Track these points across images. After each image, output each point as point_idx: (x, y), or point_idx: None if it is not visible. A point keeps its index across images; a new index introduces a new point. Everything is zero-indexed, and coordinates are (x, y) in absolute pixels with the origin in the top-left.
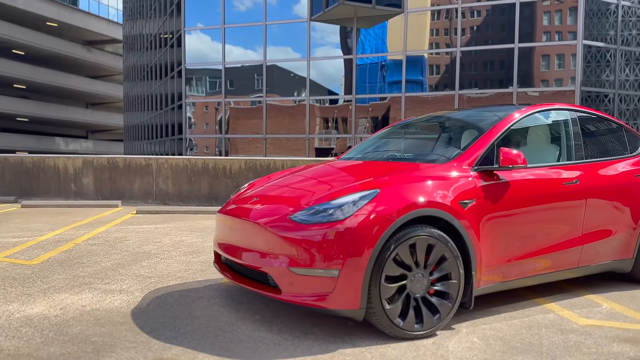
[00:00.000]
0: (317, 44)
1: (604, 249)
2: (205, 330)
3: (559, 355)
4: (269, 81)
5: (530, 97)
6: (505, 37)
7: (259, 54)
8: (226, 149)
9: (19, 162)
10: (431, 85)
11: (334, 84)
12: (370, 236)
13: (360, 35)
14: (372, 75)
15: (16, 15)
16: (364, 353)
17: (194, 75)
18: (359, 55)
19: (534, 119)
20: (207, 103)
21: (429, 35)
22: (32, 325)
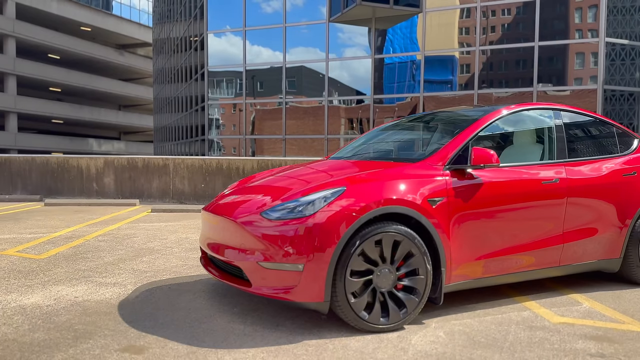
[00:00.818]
0: (345, 45)
1: (588, 248)
2: (182, 321)
3: (519, 350)
4: (291, 82)
5: (550, 96)
6: (526, 35)
7: (278, 55)
8: (252, 150)
9: (44, 162)
10: (453, 85)
11: (360, 84)
12: (334, 232)
13: (388, 34)
14: (393, 75)
15: (51, 20)
16: (327, 344)
17: (216, 77)
18: (377, 56)
19: (514, 119)
20: (229, 105)
21: (458, 34)
22: (24, 313)
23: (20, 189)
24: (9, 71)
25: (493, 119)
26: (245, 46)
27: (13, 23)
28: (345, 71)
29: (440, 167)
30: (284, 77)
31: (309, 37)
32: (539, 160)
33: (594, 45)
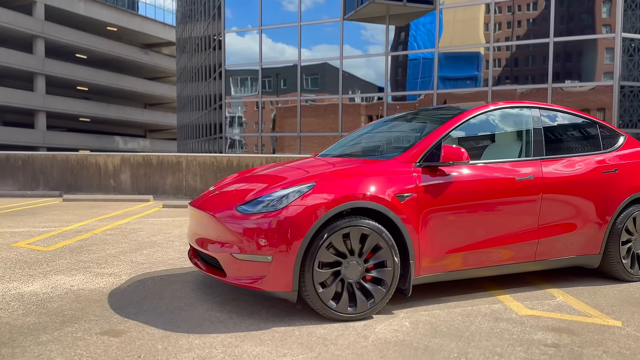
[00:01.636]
0: (367, 42)
1: (566, 243)
2: (165, 308)
3: (477, 340)
4: (313, 80)
5: (564, 92)
6: (541, 31)
7: (293, 54)
8: (273, 147)
9: (65, 160)
10: (471, 81)
11: (381, 81)
12: (302, 225)
13: (411, 30)
14: (409, 72)
15: (79, 21)
16: (294, 331)
17: (233, 76)
18: (392, 53)
19: (492, 117)
20: (245, 103)
21: (474, 31)
22: (21, 300)
23: (42, 185)
24: (38, 71)
25: (467, 118)
26: (261, 45)
27: (42, 24)
28: (371, 69)
29: (411, 164)
30: (299, 75)
31: (327, 34)
32: (516, 158)
33: (610, 40)
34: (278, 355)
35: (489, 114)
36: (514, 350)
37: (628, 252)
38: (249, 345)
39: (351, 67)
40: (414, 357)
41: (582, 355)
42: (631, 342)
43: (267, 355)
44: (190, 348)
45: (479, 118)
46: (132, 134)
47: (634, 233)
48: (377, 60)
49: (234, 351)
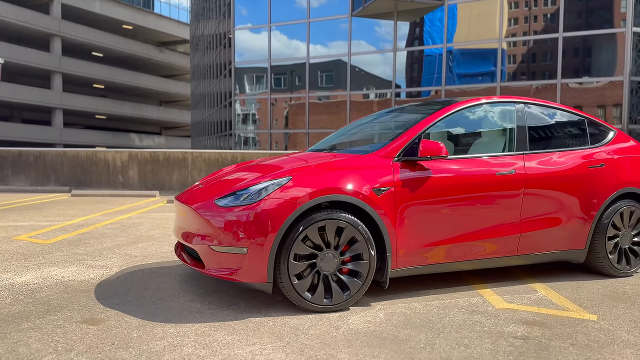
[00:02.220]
0: (382, 38)
1: (550, 238)
2: (148, 299)
3: (447, 332)
4: (328, 77)
5: (574, 88)
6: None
7: (302, 50)
8: (285, 144)
9: (74, 156)
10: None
11: (397, 77)
12: (277, 218)
13: (425, 26)
14: (419, 68)
15: (95, 19)
16: (269, 321)
17: (242, 73)
18: (399, 50)
19: (475, 112)
20: (255, 100)
21: (484, 27)
22: (12, 290)
23: (53, 181)
24: (55, 69)
25: (448, 113)
26: (270, 42)
27: (59, 23)
28: (387, 65)
29: (389, 159)
30: (307, 72)
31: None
32: (499, 152)
33: (621, 35)
34: (247, 344)
35: (472, 109)
36: (481, 342)
37: (615, 248)
38: (221, 334)
39: (366, 64)
40: (381, 346)
41: (549, 348)
42: (601, 336)
43: (236, 344)
44: (163, 336)
45: (461, 113)
46: (148, 131)
47: (622, 228)
48: (391, 56)
49: (205, 340)
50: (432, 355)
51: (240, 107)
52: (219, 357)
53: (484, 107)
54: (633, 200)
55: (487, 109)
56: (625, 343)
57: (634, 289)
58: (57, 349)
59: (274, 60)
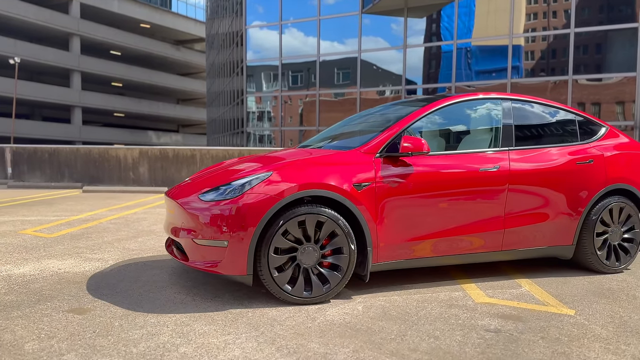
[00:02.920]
0: (394, 36)
1: (537, 234)
2: (136, 291)
3: (421, 324)
4: (345, 74)
5: (584, 85)
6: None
7: (312, 48)
8: (300, 140)
9: (87, 153)
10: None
11: (414, 73)
12: (256, 213)
13: (443, 21)
14: (430, 65)
15: (113, 19)
16: (248, 312)
17: (254, 71)
18: (409, 46)
19: (460, 109)
20: (266, 97)
21: (493, 23)
22: (9, 281)
23: (67, 177)
24: (74, 68)
25: (431, 110)
26: (281, 40)
27: (78, 22)
28: (399, 62)
29: (371, 155)
30: (317, 70)
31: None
32: (484, 149)
33: (634, 30)
34: (223, 333)
35: (457, 106)
36: (452, 334)
37: (604, 244)
38: (199, 324)
39: (378, 61)
40: (352, 337)
41: (519, 340)
42: (574, 330)
43: (212, 333)
44: (143, 326)
45: (445, 110)
46: (165, 128)
47: (611, 225)
48: (401, 52)
49: (183, 329)
50: (401, 345)
51: (251, 105)
52: (193, 345)
53: (469, 103)
54: (623, 197)
55: (472, 106)
56: (596, 337)
57: (620, 285)
58: (40, 336)
59: (285, 58)
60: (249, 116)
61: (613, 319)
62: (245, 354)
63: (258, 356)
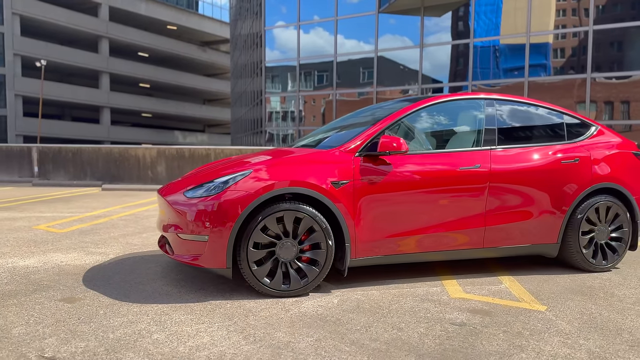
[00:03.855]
0: (429, 32)
1: (518, 231)
2: (128, 282)
3: (390, 316)
4: (370, 73)
5: (604, 83)
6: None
7: (329, 48)
8: None
9: (108, 152)
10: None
11: (440, 72)
12: (234, 209)
13: (470, 18)
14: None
15: (141, 21)
16: (227, 304)
17: (272, 72)
18: (426, 45)
19: (442, 109)
20: (284, 97)
21: (555, 16)
22: (12, 272)
23: (89, 176)
24: (103, 69)
25: (412, 110)
26: (299, 40)
27: (106, 25)
28: (417, 61)
29: (351, 154)
30: (334, 69)
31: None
32: (467, 148)
33: None
34: (198, 322)
35: (439, 106)
36: (416, 327)
37: (590, 242)
38: (178, 314)
39: (398, 60)
40: (319, 327)
41: (480, 334)
42: (539, 325)
43: (187, 322)
44: (125, 314)
45: (428, 110)
46: (192, 128)
47: (597, 223)
48: (433, 50)
49: (161, 318)
50: (363, 336)
51: (270, 105)
52: (167, 332)
53: (452, 103)
54: (611, 196)
55: (455, 106)
56: (558, 332)
57: (602, 283)
58: (28, 322)
59: (303, 58)
60: (268, 116)
61: (582, 315)
62: (213, 341)
63: (224, 343)
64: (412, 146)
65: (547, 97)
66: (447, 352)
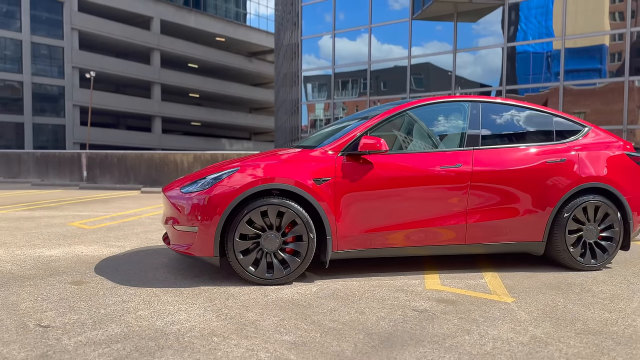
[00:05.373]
0: (479, 35)
1: (502, 229)
2: (133, 270)
3: (356, 302)
4: (417, 80)
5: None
6: None
7: (364, 56)
8: None
9: (150, 158)
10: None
11: (489, 77)
12: (222, 203)
13: (519, 20)
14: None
15: (191, 33)
16: (214, 289)
17: (309, 80)
18: (459, 51)
19: (426, 111)
20: (319, 105)
21: (609, 20)
22: (36, 260)
23: (132, 180)
24: (154, 80)
25: (395, 113)
26: (334, 49)
27: (158, 38)
28: (479, 66)
29: (333, 154)
30: (369, 77)
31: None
32: (451, 148)
33: None
34: (181, 303)
35: (424, 108)
36: (379, 312)
37: (578, 241)
38: (167, 296)
39: (437, 64)
40: (288, 310)
41: (436, 319)
42: (497, 313)
43: (172, 303)
44: (121, 295)
45: (413, 112)
46: (238, 136)
47: (585, 222)
48: (478, 55)
49: (151, 299)
50: (325, 317)
51: (306, 113)
52: (151, 310)
53: (437, 106)
54: (600, 196)
55: (440, 108)
56: (513, 320)
57: (584, 280)
58: (36, 299)
59: (338, 66)
60: (305, 123)
61: (546, 307)
62: (188, 318)
63: (197, 320)
64: (396, 146)
65: (596, 102)
66: (396, 333)
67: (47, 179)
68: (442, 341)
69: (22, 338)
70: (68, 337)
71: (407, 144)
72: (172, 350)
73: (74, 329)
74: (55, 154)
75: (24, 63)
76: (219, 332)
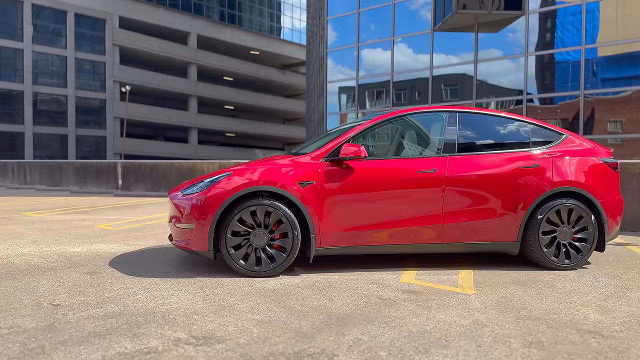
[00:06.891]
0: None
1: (477, 229)
2: (143, 265)
3: (329, 291)
4: (453, 91)
5: None
6: None
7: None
8: None
9: (179, 167)
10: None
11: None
12: (215, 203)
13: (557, 30)
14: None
15: (227, 48)
16: (207, 280)
17: (334, 92)
18: (480, 61)
19: (406, 122)
20: (344, 116)
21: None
22: (60, 255)
23: (163, 188)
24: (191, 93)
25: (376, 122)
26: (358, 61)
27: (195, 52)
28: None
29: (318, 159)
30: (391, 87)
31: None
32: (429, 155)
33: None
34: (176, 290)
35: (404, 119)
36: (345, 299)
37: (552, 242)
38: (166, 285)
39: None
40: (266, 296)
41: (395, 305)
42: (453, 302)
43: (168, 289)
44: (126, 283)
45: (394, 121)
46: (271, 147)
47: (559, 224)
48: (472, 67)
49: (151, 287)
50: (296, 303)
51: (331, 124)
52: (148, 295)
53: (416, 116)
54: (573, 199)
55: (419, 118)
56: (465, 308)
57: (553, 278)
58: (54, 285)
59: (362, 78)
60: None
61: (502, 298)
62: (178, 301)
63: (187, 303)
64: (377, 152)
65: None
66: (354, 315)
67: (85, 187)
68: (391, 322)
69: (35, 313)
70: (73, 313)
71: (388, 151)
72: (155, 324)
73: (79, 307)
74: (93, 164)
75: (69, 78)
76: (200, 311)
